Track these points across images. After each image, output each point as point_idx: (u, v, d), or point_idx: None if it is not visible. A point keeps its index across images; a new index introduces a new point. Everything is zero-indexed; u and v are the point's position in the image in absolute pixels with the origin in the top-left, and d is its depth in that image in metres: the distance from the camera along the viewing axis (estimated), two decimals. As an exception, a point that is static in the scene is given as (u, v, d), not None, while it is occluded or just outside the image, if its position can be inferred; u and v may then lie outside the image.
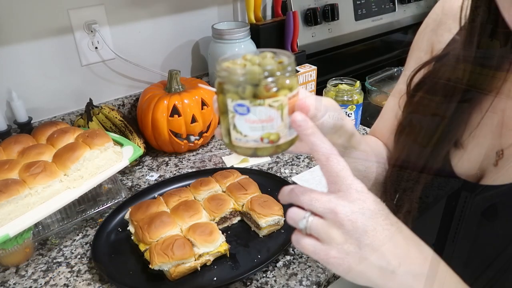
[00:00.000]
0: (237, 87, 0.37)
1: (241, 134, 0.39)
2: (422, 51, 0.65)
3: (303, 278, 0.69)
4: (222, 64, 0.39)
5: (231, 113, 0.38)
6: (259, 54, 0.40)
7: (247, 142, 0.39)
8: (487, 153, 0.53)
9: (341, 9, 1.36)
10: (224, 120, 0.40)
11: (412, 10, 1.65)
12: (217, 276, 0.70)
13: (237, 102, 0.37)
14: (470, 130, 0.55)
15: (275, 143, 0.39)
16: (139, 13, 1.09)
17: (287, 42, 1.24)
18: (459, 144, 0.56)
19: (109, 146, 0.84)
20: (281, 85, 0.37)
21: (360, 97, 1.05)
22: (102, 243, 0.76)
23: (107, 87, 1.12)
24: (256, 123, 0.37)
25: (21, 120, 0.96)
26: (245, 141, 0.39)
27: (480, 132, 0.54)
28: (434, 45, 0.62)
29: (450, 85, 0.52)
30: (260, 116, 0.37)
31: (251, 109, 0.37)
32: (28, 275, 0.72)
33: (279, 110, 0.37)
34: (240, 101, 0.37)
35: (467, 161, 0.55)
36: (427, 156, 0.56)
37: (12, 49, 0.95)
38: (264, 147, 0.39)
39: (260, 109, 0.37)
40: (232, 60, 0.39)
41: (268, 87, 0.36)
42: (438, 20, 0.62)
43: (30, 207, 0.72)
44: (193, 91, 1.03)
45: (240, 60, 0.39)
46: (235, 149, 0.40)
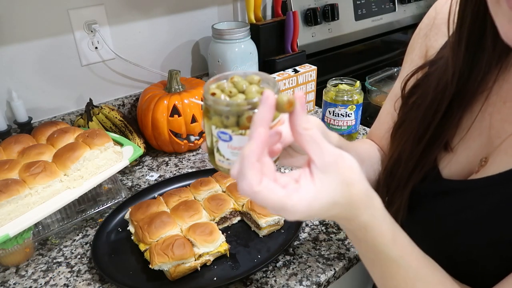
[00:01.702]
0: (221, 116, 0.38)
1: (223, 157, 0.40)
2: (416, 55, 0.66)
3: (303, 278, 0.69)
4: (209, 88, 0.40)
5: (214, 137, 0.40)
6: (246, 77, 0.41)
7: (229, 164, 0.41)
8: (474, 157, 0.54)
9: (341, 9, 1.36)
10: (209, 141, 0.41)
11: (412, 10, 1.65)
12: (217, 276, 0.70)
13: (221, 130, 0.39)
14: (460, 134, 0.55)
15: None
16: (139, 13, 1.09)
17: (287, 42, 1.24)
18: (449, 148, 0.56)
19: (109, 146, 0.84)
20: None
21: (360, 97, 1.05)
22: (102, 243, 0.76)
23: (107, 87, 1.12)
24: (237, 149, 0.39)
25: (21, 120, 0.96)
26: (228, 163, 0.41)
27: (470, 136, 0.54)
28: (427, 50, 0.63)
29: (440, 89, 0.53)
30: (242, 144, 0.39)
31: (233, 138, 0.39)
32: (28, 275, 0.72)
33: None
34: (224, 129, 0.39)
35: (455, 164, 0.56)
36: (417, 157, 0.57)
37: (12, 49, 0.95)
38: None
39: (242, 138, 0.38)
40: (218, 84, 0.41)
41: (250, 119, 0.38)
42: (431, 25, 0.63)
43: (30, 207, 0.72)
44: (193, 91, 1.03)
45: (227, 84, 0.40)
46: (218, 168, 0.43)
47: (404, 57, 0.69)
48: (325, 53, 1.41)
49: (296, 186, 0.37)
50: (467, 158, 0.54)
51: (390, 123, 0.67)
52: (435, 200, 0.56)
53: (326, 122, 1.09)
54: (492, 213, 0.49)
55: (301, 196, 0.36)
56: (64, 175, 0.77)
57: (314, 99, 1.23)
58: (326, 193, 0.37)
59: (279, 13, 1.28)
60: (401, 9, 1.61)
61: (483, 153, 0.53)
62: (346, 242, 0.77)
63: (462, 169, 0.55)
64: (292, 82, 1.15)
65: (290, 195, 0.36)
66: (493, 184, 0.49)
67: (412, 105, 0.59)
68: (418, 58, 0.65)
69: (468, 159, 0.54)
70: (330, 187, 0.37)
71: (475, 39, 0.49)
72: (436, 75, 0.55)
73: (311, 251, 0.75)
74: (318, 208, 0.37)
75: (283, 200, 0.36)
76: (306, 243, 0.77)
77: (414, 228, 0.60)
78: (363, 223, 0.41)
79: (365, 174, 0.66)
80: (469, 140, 0.54)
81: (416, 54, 0.66)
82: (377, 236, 0.42)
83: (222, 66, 1.13)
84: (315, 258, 0.73)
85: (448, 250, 0.50)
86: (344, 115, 1.05)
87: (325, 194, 0.37)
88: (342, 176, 0.38)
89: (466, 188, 0.53)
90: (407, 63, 0.68)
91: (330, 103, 1.06)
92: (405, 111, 0.61)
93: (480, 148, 0.53)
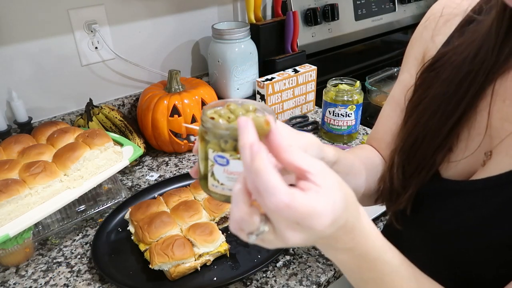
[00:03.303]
0: (219, 140, 0.39)
1: (218, 182, 0.41)
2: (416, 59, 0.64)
3: (303, 278, 0.69)
4: (206, 113, 0.41)
5: (210, 161, 0.40)
6: (241, 105, 0.42)
7: (223, 190, 0.41)
8: (473, 157, 0.53)
9: (341, 9, 1.36)
10: (203, 165, 0.42)
11: (412, 10, 1.65)
12: (217, 276, 0.70)
13: (218, 154, 0.39)
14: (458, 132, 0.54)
15: None
16: (139, 13, 1.09)
17: (287, 42, 1.24)
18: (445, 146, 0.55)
19: (109, 146, 0.84)
20: None
21: (360, 97, 1.05)
22: (102, 243, 0.76)
23: (107, 87, 1.12)
24: (233, 174, 0.40)
25: (21, 120, 0.96)
26: (221, 188, 0.41)
27: (469, 135, 0.53)
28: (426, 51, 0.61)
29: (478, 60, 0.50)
30: (238, 169, 0.39)
31: (230, 162, 0.39)
32: (28, 275, 0.72)
33: None
34: (221, 153, 0.39)
35: (453, 163, 0.55)
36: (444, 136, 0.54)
37: (13, 49, 0.95)
38: None
39: (239, 163, 0.39)
40: (215, 110, 0.41)
41: None
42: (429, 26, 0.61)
43: (30, 207, 0.72)
44: (193, 91, 1.03)
45: (224, 110, 0.41)
46: (209, 194, 0.43)
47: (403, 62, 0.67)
48: (325, 53, 1.41)
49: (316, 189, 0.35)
50: (466, 158, 0.54)
51: (390, 127, 0.66)
52: (435, 201, 0.56)
53: (326, 122, 1.09)
54: (492, 216, 0.49)
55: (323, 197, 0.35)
56: (64, 175, 0.77)
57: (314, 99, 1.23)
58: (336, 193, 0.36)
59: (279, 13, 1.28)
60: (401, 9, 1.61)
61: (483, 151, 0.52)
62: (346, 242, 0.77)
63: (462, 169, 0.54)
64: (292, 82, 1.15)
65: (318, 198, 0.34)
66: (493, 186, 0.48)
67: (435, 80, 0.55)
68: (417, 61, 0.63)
69: (467, 158, 0.53)
70: (334, 187, 0.36)
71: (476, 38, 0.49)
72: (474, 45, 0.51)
73: (311, 251, 0.75)
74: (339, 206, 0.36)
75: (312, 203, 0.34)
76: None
77: (413, 229, 0.59)
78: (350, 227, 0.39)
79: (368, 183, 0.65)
80: (467, 139, 0.53)
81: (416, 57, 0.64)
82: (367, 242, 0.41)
83: (222, 66, 1.13)
84: (315, 258, 0.73)
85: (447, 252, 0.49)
86: (344, 115, 1.05)
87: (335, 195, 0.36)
88: (336, 177, 0.37)
89: (466, 189, 0.52)
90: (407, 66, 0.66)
91: (330, 103, 1.06)
92: (424, 88, 0.57)
93: (479, 148, 0.52)
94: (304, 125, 1.17)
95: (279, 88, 1.13)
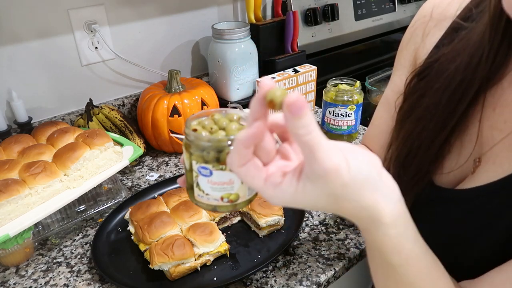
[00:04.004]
0: (202, 152, 0.39)
1: (203, 192, 0.42)
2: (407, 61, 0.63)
3: (303, 278, 0.69)
4: (190, 124, 0.42)
5: (195, 172, 0.41)
6: (226, 115, 0.42)
7: (208, 199, 0.42)
8: (464, 163, 0.53)
9: (341, 9, 1.36)
10: (188, 176, 0.42)
11: (412, 10, 1.65)
12: (217, 276, 0.70)
13: (201, 165, 0.40)
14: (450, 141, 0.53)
15: (234, 202, 0.42)
16: (139, 13, 1.09)
17: (287, 42, 1.24)
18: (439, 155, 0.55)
19: (109, 146, 0.84)
20: None
21: (360, 97, 1.05)
22: (102, 243, 0.76)
23: (107, 87, 1.12)
24: (217, 184, 0.40)
25: (21, 120, 0.96)
26: (207, 198, 0.42)
27: (460, 144, 0.53)
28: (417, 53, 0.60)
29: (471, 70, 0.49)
30: (222, 179, 0.40)
31: (214, 173, 0.40)
32: (28, 275, 0.72)
33: None
34: (204, 164, 0.40)
35: (446, 170, 0.55)
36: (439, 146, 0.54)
37: (12, 49, 0.95)
38: (223, 205, 0.42)
39: (222, 173, 0.40)
40: (199, 121, 0.42)
41: None
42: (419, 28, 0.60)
43: (30, 207, 0.72)
44: (193, 91, 1.03)
45: (208, 121, 0.42)
46: (196, 203, 0.44)
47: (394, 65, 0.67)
48: (325, 53, 1.41)
49: (276, 182, 0.36)
50: (457, 165, 0.53)
51: (383, 127, 0.66)
52: (428, 208, 0.55)
53: (326, 122, 1.09)
54: (484, 224, 0.49)
55: (275, 194, 0.36)
56: (64, 175, 0.77)
57: (314, 99, 1.23)
58: (306, 198, 0.36)
59: (279, 13, 1.28)
60: (401, 9, 1.61)
61: (473, 157, 0.52)
62: (346, 242, 0.77)
63: (453, 175, 0.54)
64: (292, 82, 1.15)
65: (267, 189, 0.36)
66: (482, 195, 0.49)
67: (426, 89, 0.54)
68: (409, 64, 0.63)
69: (458, 166, 0.53)
70: (312, 195, 0.36)
71: None
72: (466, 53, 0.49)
73: (311, 251, 0.75)
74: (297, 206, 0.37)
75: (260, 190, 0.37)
76: (306, 243, 0.77)
77: None
78: (362, 228, 0.40)
79: None
80: (460, 147, 0.53)
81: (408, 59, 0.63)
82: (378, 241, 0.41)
83: (222, 66, 1.13)
84: (315, 258, 0.73)
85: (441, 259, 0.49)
86: (344, 115, 1.05)
87: (304, 199, 0.36)
88: (331, 189, 0.35)
89: (456, 198, 0.52)
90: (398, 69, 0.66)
91: (330, 103, 1.06)
92: (415, 97, 0.56)
93: (468, 154, 0.52)
94: (304, 125, 1.16)
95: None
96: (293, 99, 0.33)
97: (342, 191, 0.35)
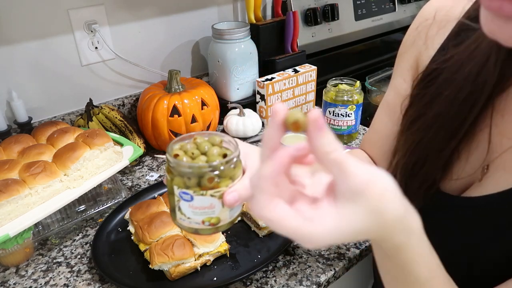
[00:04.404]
0: (183, 177, 0.40)
1: (184, 216, 0.42)
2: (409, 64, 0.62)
3: (303, 278, 0.69)
4: (172, 149, 0.42)
5: (176, 197, 0.42)
6: (208, 137, 0.43)
7: (190, 223, 0.43)
8: (471, 170, 0.52)
9: (341, 9, 1.36)
10: (171, 199, 0.43)
11: (412, 10, 1.65)
12: (217, 276, 0.70)
13: (182, 190, 0.41)
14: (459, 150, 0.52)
15: (215, 225, 0.43)
16: (139, 13, 1.09)
17: (287, 42, 1.24)
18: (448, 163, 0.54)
19: (109, 146, 0.84)
20: (224, 177, 0.41)
21: (360, 97, 1.05)
22: (102, 243, 0.76)
23: (107, 87, 1.12)
24: (198, 209, 0.41)
25: (21, 120, 0.96)
26: (188, 222, 0.43)
27: (468, 151, 0.52)
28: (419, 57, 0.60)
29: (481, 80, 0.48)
30: (203, 204, 0.41)
31: (195, 198, 0.41)
32: (28, 275, 0.72)
33: (220, 199, 0.41)
34: (185, 189, 0.41)
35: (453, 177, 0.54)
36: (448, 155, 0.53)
37: (12, 49, 0.95)
38: (205, 228, 0.43)
39: (203, 198, 0.41)
40: (182, 145, 0.43)
41: (211, 180, 0.40)
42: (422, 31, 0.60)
43: (30, 207, 0.72)
44: (193, 91, 1.03)
45: (190, 145, 0.43)
46: (178, 225, 0.44)
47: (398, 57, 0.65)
48: (325, 53, 1.41)
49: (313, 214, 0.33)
50: (465, 173, 0.53)
51: (385, 132, 0.65)
52: (435, 216, 0.54)
53: (326, 122, 1.09)
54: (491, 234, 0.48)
55: (317, 227, 0.32)
56: (64, 175, 0.77)
57: (314, 99, 1.23)
58: (351, 223, 0.33)
59: (279, 13, 1.28)
60: (401, 9, 1.61)
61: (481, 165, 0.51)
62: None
63: (461, 182, 0.53)
64: (292, 82, 1.15)
65: (305, 226, 0.32)
66: (493, 202, 0.48)
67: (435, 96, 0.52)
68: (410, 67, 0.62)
69: (466, 173, 0.52)
70: (357, 217, 0.33)
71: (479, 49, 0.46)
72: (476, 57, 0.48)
73: (311, 251, 0.75)
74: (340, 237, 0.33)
75: (297, 230, 0.32)
76: (306, 243, 0.77)
77: None
78: (397, 244, 0.37)
79: None
80: (468, 155, 0.52)
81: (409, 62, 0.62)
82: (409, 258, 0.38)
83: (222, 66, 1.13)
84: (315, 258, 0.73)
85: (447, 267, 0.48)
86: (344, 115, 1.05)
87: (349, 224, 0.33)
88: (372, 205, 0.33)
89: (464, 206, 0.51)
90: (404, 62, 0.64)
91: (330, 103, 1.06)
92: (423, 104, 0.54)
93: (476, 161, 0.51)
94: (304, 125, 1.16)
95: (279, 88, 1.13)
96: (317, 115, 0.32)
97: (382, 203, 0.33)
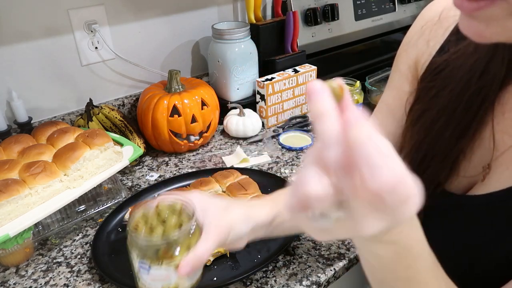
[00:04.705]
0: (141, 249, 0.43)
1: (145, 283, 0.45)
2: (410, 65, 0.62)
3: (303, 278, 0.69)
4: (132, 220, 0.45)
5: (136, 266, 0.45)
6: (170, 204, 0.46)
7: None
8: (473, 168, 0.52)
9: (341, 9, 1.36)
10: (133, 266, 0.46)
11: (412, 10, 1.65)
12: (217, 276, 0.70)
13: (141, 260, 0.44)
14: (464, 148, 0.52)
15: None
16: (139, 13, 1.09)
17: (287, 42, 1.24)
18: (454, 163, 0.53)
19: (109, 146, 0.84)
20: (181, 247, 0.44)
21: (360, 97, 1.06)
22: (102, 243, 0.76)
23: (107, 87, 1.12)
24: (156, 278, 0.44)
25: (21, 120, 0.96)
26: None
27: (472, 150, 0.52)
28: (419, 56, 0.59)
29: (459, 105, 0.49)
30: (159, 274, 0.44)
31: (152, 268, 0.43)
32: (28, 275, 0.72)
33: (176, 268, 0.44)
34: (143, 260, 0.43)
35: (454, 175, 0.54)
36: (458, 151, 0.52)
37: (12, 49, 0.95)
38: None
39: (159, 269, 0.43)
40: (144, 212, 0.46)
41: (167, 252, 0.43)
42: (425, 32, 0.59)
43: (30, 207, 0.72)
44: (193, 91, 1.03)
45: (152, 212, 0.45)
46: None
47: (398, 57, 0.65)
48: (325, 53, 1.41)
49: None
50: (468, 172, 0.52)
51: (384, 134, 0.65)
52: (438, 215, 0.54)
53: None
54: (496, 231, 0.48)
55: None
56: (64, 175, 0.77)
57: (314, 99, 1.23)
58: None
59: (279, 13, 1.28)
60: (401, 9, 1.61)
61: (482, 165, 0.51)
62: (346, 242, 0.77)
63: (463, 182, 0.53)
64: (292, 82, 1.15)
65: None
66: (496, 201, 0.48)
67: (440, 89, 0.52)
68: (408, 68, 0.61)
69: (469, 172, 0.52)
70: None
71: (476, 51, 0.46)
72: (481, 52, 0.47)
73: (311, 251, 0.75)
74: None
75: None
76: (306, 243, 0.77)
77: None
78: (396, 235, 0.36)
79: None
80: (469, 153, 0.52)
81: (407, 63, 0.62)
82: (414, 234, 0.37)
83: (222, 66, 1.13)
84: (315, 258, 0.73)
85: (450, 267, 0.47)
86: (344, 115, 1.05)
87: None
88: None
89: (467, 204, 0.51)
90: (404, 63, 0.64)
91: (330, 103, 1.05)
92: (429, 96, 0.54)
93: (479, 160, 0.51)
94: (304, 125, 1.17)
95: (279, 88, 1.13)
96: None
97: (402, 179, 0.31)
